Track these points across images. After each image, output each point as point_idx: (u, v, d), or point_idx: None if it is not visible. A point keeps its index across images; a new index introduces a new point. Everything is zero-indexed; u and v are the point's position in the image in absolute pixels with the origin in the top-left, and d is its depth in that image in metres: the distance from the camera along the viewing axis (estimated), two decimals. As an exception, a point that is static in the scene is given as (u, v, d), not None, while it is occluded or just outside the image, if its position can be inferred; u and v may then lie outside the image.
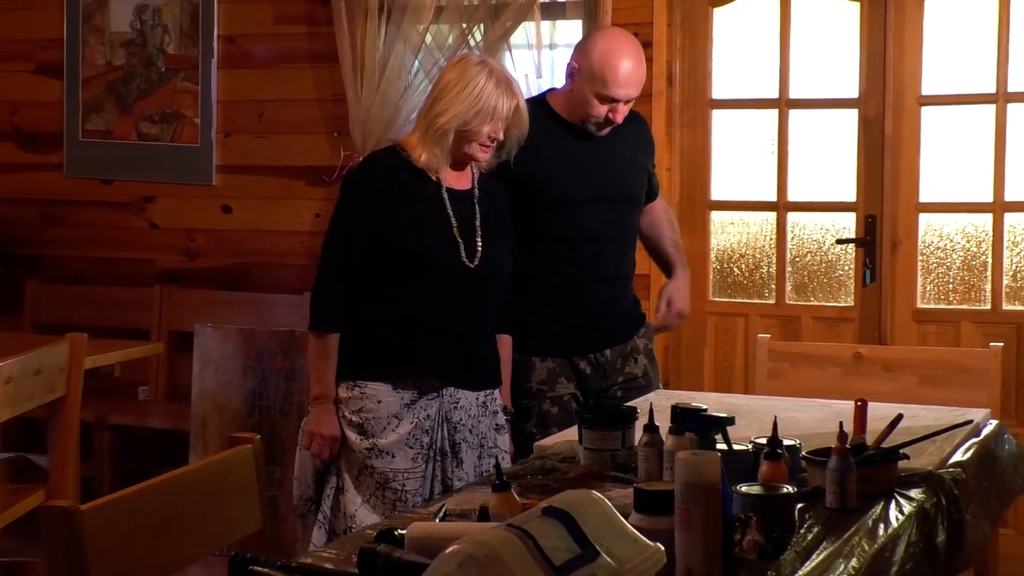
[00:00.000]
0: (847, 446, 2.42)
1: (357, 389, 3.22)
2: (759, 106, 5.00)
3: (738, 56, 5.02)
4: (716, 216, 5.05)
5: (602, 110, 3.43)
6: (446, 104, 3.19)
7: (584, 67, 3.42)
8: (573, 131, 3.53)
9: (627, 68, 3.39)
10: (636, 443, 2.62)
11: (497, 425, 3.36)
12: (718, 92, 5.02)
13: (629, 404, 3.01)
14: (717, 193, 5.04)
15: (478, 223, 3.28)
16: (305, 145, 5.38)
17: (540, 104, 3.57)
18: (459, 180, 3.32)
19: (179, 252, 5.62)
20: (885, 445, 2.61)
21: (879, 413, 2.78)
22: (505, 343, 3.45)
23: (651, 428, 2.53)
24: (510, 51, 4.99)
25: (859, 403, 2.74)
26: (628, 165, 3.61)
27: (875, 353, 3.92)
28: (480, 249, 3.25)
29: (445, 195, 3.26)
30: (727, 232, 5.06)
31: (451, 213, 3.24)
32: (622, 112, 3.44)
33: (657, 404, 2.76)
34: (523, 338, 3.52)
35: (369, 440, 3.19)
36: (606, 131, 3.49)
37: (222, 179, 5.52)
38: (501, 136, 3.25)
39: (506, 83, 3.22)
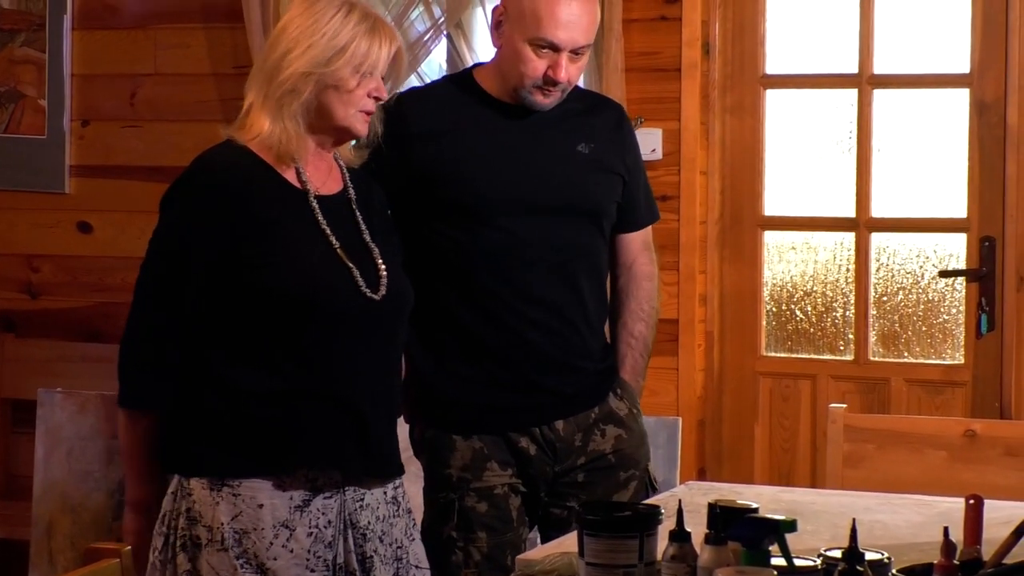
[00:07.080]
0: (955, 561, 2.42)
1: (227, 490, 3.12)
2: (831, 84, 5.04)
3: (802, 16, 5.05)
4: (771, 238, 5.07)
5: (539, 65, 3.45)
6: (290, 44, 3.15)
7: (512, 7, 3.48)
8: (505, 112, 3.56)
9: (568, 2, 3.43)
10: (659, 556, 2.62)
11: (408, 531, 3.33)
12: (774, 66, 5.07)
13: (650, 502, 3.01)
14: (772, 206, 5.07)
15: (367, 237, 3.26)
16: (196, 138, 5.35)
17: (461, 80, 3.64)
18: (326, 182, 3.27)
19: (16, 287, 5.62)
20: (1008, 560, 2.62)
21: (1000, 515, 2.79)
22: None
23: (680, 536, 2.54)
24: (483, 6, 5.02)
25: (972, 501, 2.74)
26: (585, 164, 3.61)
27: (995, 431, 3.93)
28: (385, 274, 3.23)
29: (314, 203, 3.20)
30: (787, 260, 5.08)
31: (327, 228, 3.19)
32: (567, 69, 3.46)
33: (689, 501, 2.76)
34: (436, 407, 3.56)
35: (254, 565, 3.10)
36: (550, 101, 3.51)
37: (79, 185, 5.53)
38: (385, 95, 3.23)
39: (375, 20, 3.19)
